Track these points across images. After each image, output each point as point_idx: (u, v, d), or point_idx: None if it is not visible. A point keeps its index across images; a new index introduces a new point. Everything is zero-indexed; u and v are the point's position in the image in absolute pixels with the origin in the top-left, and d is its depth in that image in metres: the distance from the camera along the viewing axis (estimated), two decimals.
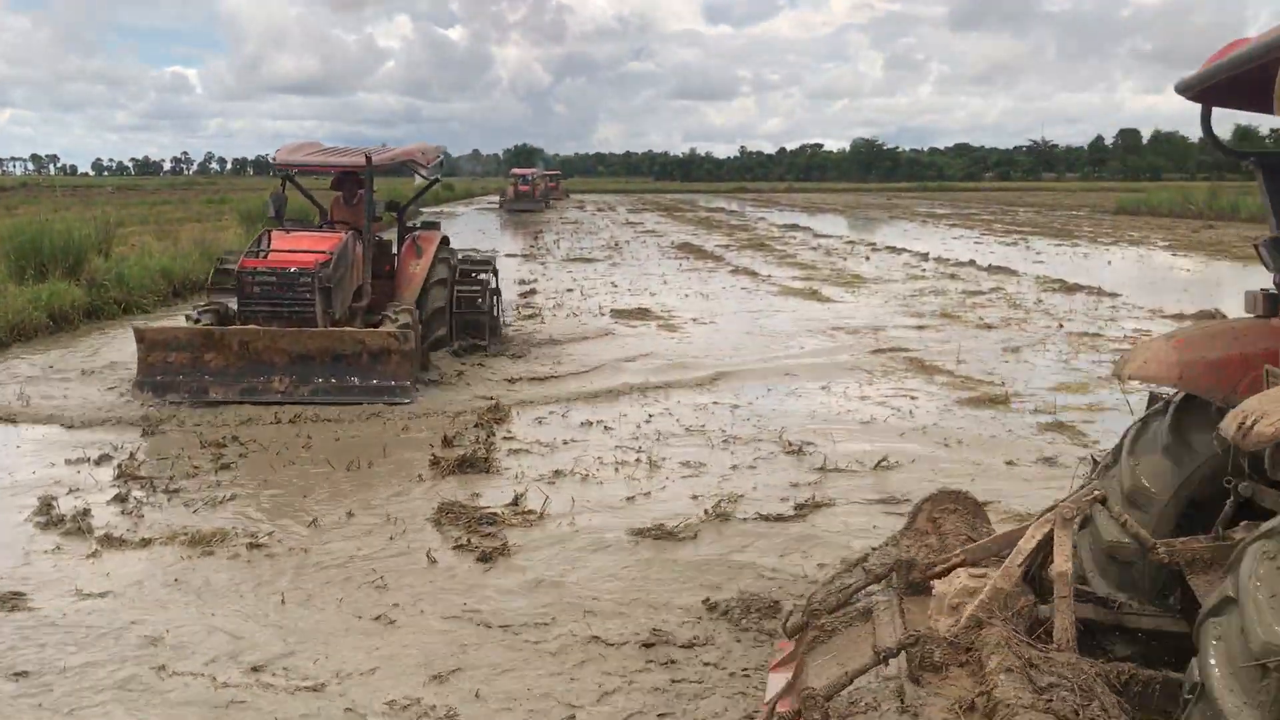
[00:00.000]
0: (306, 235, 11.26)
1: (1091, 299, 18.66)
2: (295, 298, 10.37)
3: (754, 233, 40.00)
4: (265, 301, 10.41)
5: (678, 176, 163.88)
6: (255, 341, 10.02)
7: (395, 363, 10.08)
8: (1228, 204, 47.69)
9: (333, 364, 10.04)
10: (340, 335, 10.14)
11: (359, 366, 10.05)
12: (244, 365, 10.03)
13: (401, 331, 10.22)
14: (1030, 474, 7.92)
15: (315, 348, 10.04)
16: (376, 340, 10.13)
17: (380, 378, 10.06)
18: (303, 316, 10.35)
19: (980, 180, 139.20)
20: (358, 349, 10.07)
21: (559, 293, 19.62)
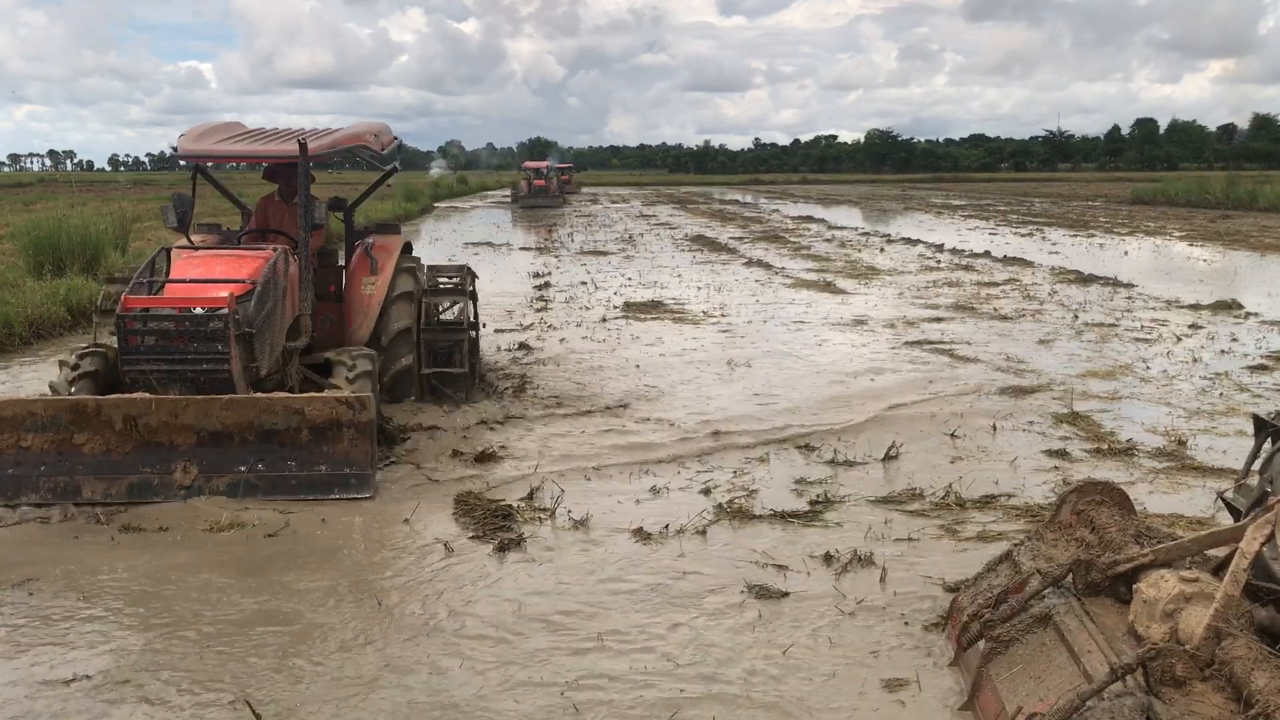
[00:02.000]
0: (220, 256, 8.23)
1: (1107, 290, 18.59)
2: (203, 351, 7.32)
3: (768, 225, 39.94)
4: (160, 357, 7.30)
5: (691, 169, 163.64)
6: (147, 416, 6.96)
7: (349, 440, 7.08)
8: (1245, 193, 47.35)
9: (259, 444, 7.08)
10: (269, 404, 7.10)
11: (297, 447, 7.09)
12: (132, 450, 7.01)
13: (357, 396, 7.24)
14: (1039, 467, 7.92)
15: (234, 422, 7.04)
16: (321, 409, 7.09)
17: (328, 462, 7.09)
18: (214, 377, 7.33)
19: (995, 171, 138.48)
20: (295, 422, 7.07)
21: (572, 285, 19.64)
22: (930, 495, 7.24)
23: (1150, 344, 13.06)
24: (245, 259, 8.06)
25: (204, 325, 7.33)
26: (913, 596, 5.54)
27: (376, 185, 10.95)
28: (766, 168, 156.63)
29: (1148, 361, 11.91)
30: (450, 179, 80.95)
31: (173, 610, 5.44)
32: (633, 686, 4.63)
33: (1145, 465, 7.92)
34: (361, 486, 7.10)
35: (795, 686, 4.63)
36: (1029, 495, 7.23)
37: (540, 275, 21.39)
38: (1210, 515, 6.75)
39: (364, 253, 9.59)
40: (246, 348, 7.56)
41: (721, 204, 60.92)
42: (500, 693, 4.58)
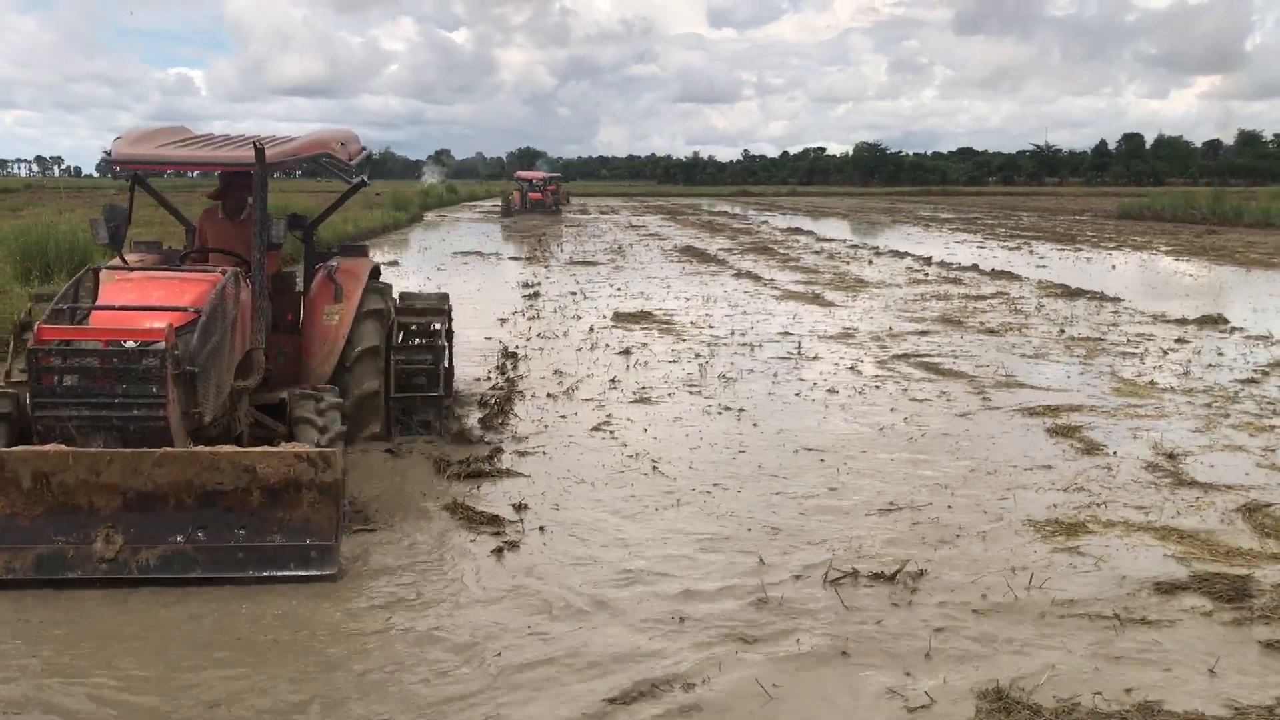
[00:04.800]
0: (157, 279, 7.00)
1: (1094, 304, 18.68)
2: (134, 394, 6.02)
3: (757, 236, 40.02)
4: (80, 400, 5.99)
5: (680, 180, 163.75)
6: (62, 473, 5.67)
7: (309, 504, 5.83)
8: (1231, 209, 47.64)
9: (200, 509, 5.78)
10: (213, 460, 5.80)
11: (246, 512, 5.82)
12: (42, 515, 5.69)
13: (321, 452, 5.97)
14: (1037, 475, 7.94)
15: (169, 481, 5.74)
16: (277, 466, 5.83)
17: (285, 531, 5.82)
18: (147, 425, 6.05)
19: (983, 184, 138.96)
20: (244, 481, 5.80)
21: (561, 295, 19.64)
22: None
23: (1137, 358, 13.13)
24: (188, 283, 6.81)
25: (135, 363, 5.99)
26: None
27: (341, 201, 9.48)
28: (755, 179, 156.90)
29: (1137, 374, 11.97)
30: (440, 188, 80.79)
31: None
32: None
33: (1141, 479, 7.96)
34: (324, 561, 5.81)
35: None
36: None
37: (530, 285, 21.39)
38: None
39: (326, 277, 8.23)
40: (187, 390, 6.24)
41: (710, 215, 61.04)
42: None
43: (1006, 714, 4.48)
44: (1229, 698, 4.67)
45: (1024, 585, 5.87)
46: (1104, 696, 4.65)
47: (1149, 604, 5.66)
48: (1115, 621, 5.43)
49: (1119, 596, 5.76)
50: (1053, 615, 5.51)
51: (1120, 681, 4.80)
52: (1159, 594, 5.79)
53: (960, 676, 4.81)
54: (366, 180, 8.96)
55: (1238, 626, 5.40)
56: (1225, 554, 6.34)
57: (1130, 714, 4.49)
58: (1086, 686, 4.73)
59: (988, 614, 5.52)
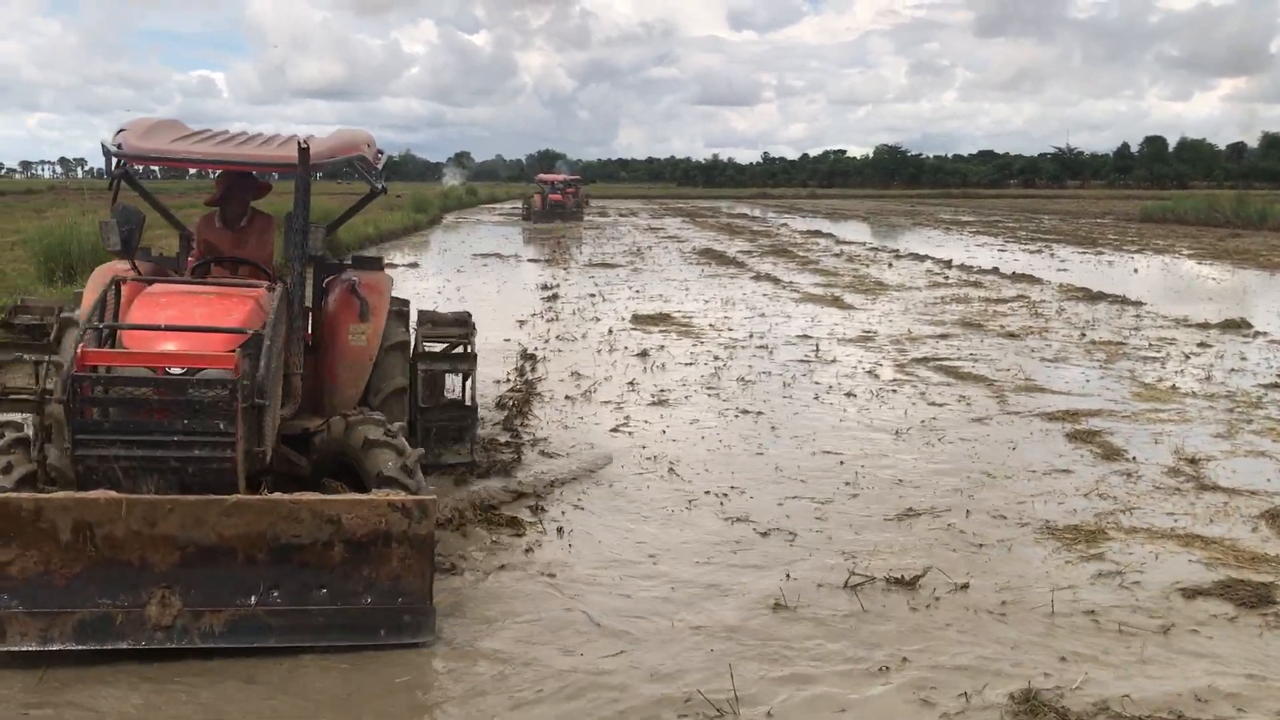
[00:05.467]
0: (194, 293, 6.04)
1: (1116, 307, 18.56)
2: (197, 430, 5.13)
3: (776, 239, 39.95)
4: (130, 437, 5.08)
5: (700, 182, 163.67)
6: (110, 523, 4.80)
7: (399, 560, 5.04)
8: (1255, 212, 47.20)
9: (273, 566, 4.96)
10: (293, 508, 4.97)
11: (326, 569, 5.01)
12: (84, 573, 4.80)
13: (418, 500, 5.15)
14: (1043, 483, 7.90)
15: (239, 533, 4.91)
16: (367, 516, 5.02)
17: (373, 592, 5.05)
18: (210, 467, 5.16)
19: (1004, 187, 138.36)
20: (326, 533, 4.99)
21: (580, 298, 19.65)
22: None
23: (1158, 362, 13.03)
24: (229, 299, 5.89)
25: (200, 394, 5.09)
26: None
27: (357, 209, 8.00)
28: (775, 182, 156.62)
29: (1158, 379, 11.88)
30: (460, 190, 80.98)
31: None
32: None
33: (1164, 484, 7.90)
34: (419, 627, 5.03)
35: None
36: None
37: (549, 287, 21.41)
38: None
39: (350, 292, 7.00)
40: (253, 425, 5.33)
41: (730, 218, 60.99)
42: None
43: (1034, 717, 4.46)
44: (1258, 703, 4.63)
45: (1045, 591, 5.83)
46: (1131, 699, 4.62)
47: (1173, 610, 5.62)
48: (1139, 628, 5.40)
49: (1142, 603, 5.72)
50: (1076, 621, 5.48)
51: (1146, 687, 4.77)
52: (1184, 600, 5.74)
53: (986, 681, 4.79)
54: (384, 188, 7.50)
55: (1265, 632, 5.36)
56: (1250, 560, 6.29)
57: (1158, 717, 4.46)
58: (1114, 691, 4.70)
59: (1010, 619, 5.50)
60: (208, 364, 5.22)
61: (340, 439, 6.17)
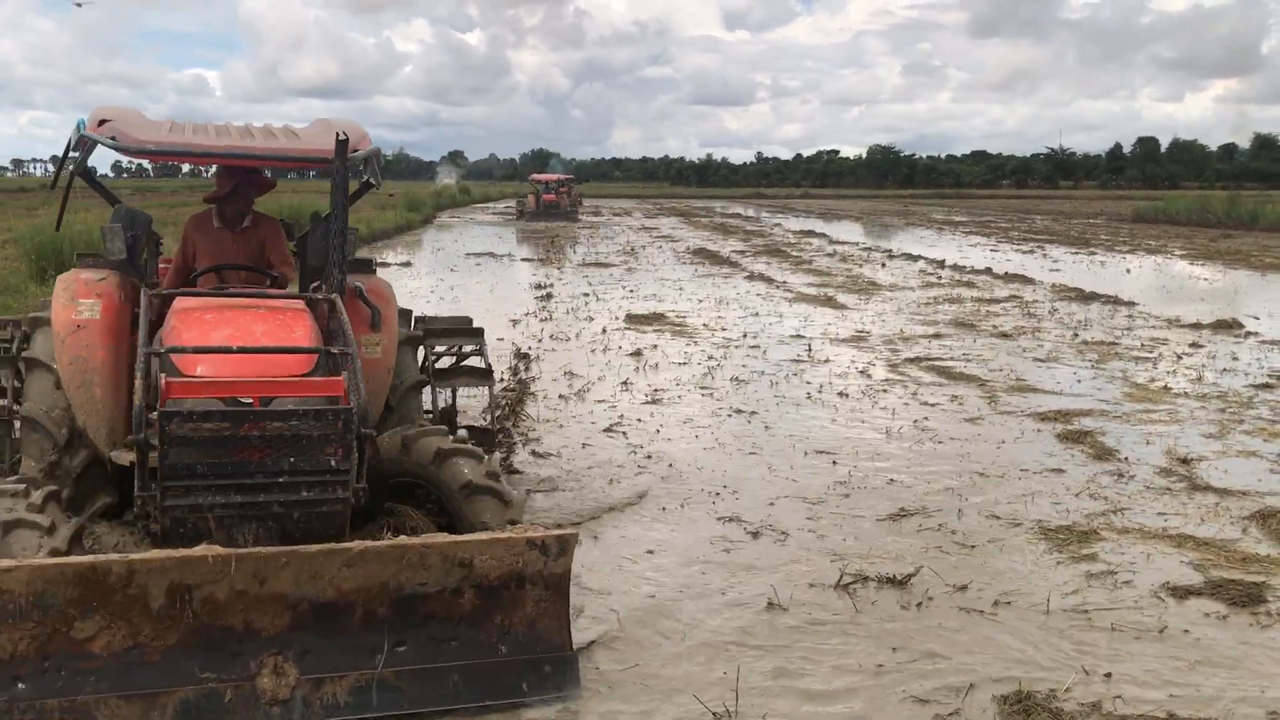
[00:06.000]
0: (235, 306, 5.29)
1: (1108, 307, 18.60)
2: (303, 468, 4.47)
3: (770, 239, 39.97)
4: (229, 481, 4.40)
5: (694, 182, 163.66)
6: (212, 584, 4.07)
7: (534, 603, 4.48)
8: (1246, 213, 47.36)
9: (396, 620, 4.31)
10: (421, 553, 4.29)
11: (455, 620, 4.39)
12: (179, 644, 4.08)
13: (559, 535, 4.54)
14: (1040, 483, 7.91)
15: (356, 586, 4.23)
16: (501, 556, 4.40)
17: (508, 642, 4.45)
18: (319, 511, 4.55)
19: (997, 187, 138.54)
20: (454, 580, 4.35)
21: (574, 297, 19.64)
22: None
23: (1150, 362, 13.06)
24: (287, 313, 5.21)
25: (310, 425, 4.40)
26: None
27: (354, 199, 6.72)
28: (769, 182, 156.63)
29: (1150, 379, 11.91)
30: (454, 189, 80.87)
31: None
32: None
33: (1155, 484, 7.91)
34: (562, 679, 4.47)
35: None
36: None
37: (542, 287, 21.41)
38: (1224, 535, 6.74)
39: (356, 298, 5.92)
40: (360, 459, 4.69)
41: (724, 217, 61.00)
42: None
43: (1027, 716, 4.46)
44: (1250, 701, 4.64)
45: (1038, 591, 5.84)
46: (1124, 699, 4.63)
47: (1166, 610, 5.63)
48: (1132, 627, 5.41)
49: (1135, 603, 5.72)
50: (1068, 621, 5.48)
51: (1140, 685, 4.78)
52: (1176, 600, 5.75)
53: (979, 681, 4.79)
54: (376, 183, 6.42)
55: (1256, 631, 5.37)
56: (1241, 560, 6.31)
57: (1151, 717, 4.47)
58: (1106, 691, 4.71)
59: (1003, 619, 5.50)
60: (311, 390, 4.54)
61: (397, 457, 5.38)
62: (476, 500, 5.17)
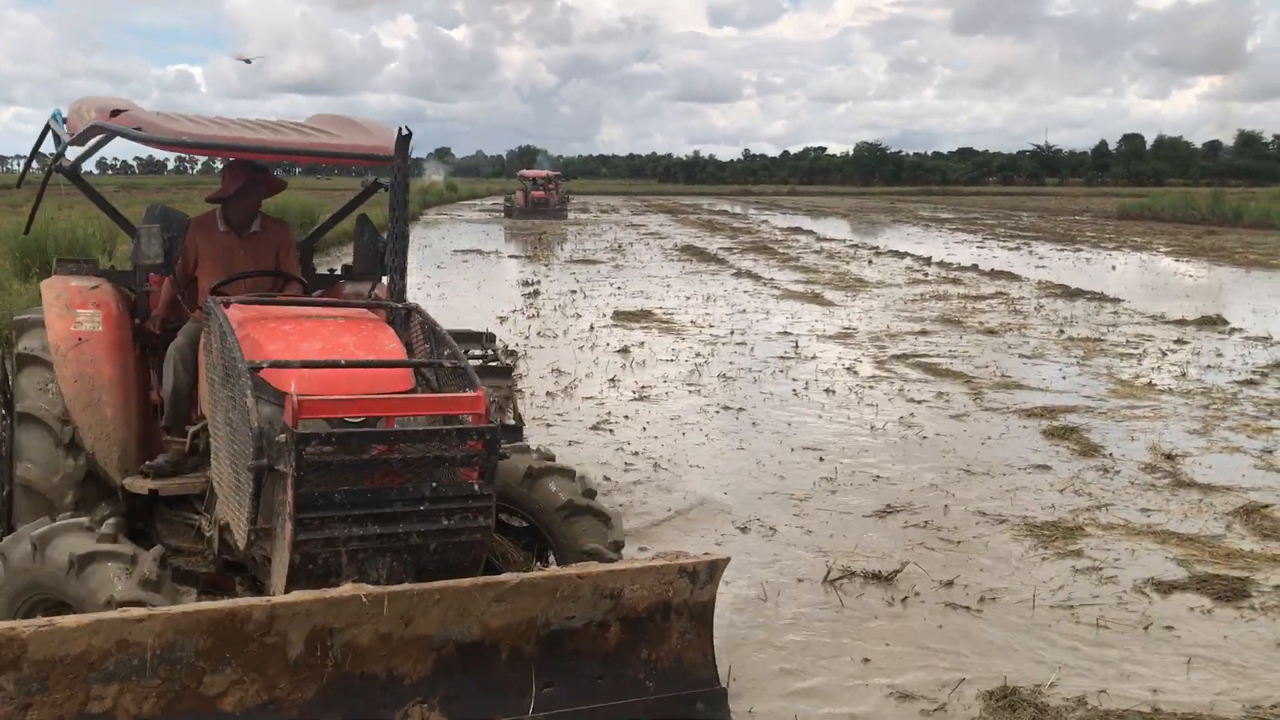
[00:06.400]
0: (304, 315, 4.70)
1: (1094, 304, 18.68)
2: (448, 494, 3.96)
3: (757, 236, 40.02)
4: (368, 511, 3.83)
5: (681, 179, 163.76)
6: (354, 628, 3.48)
7: (679, 635, 4.05)
8: (1230, 209, 47.65)
9: (543, 659, 3.83)
10: (574, 585, 3.82)
11: (600, 656, 3.93)
12: (318, 696, 3.48)
13: (711, 560, 4.11)
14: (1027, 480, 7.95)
15: (504, 624, 3.73)
16: (651, 586, 3.97)
17: (655, 678, 3.99)
18: (460, 541, 4.02)
19: (983, 184, 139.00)
20: (600, 613, 3.90)
21: (561, 294, 19.64)
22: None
23: (1135, 359, 13.13)
24: (364, 323, 4.65)
25: (456, 447, 3.94)
26: None
27: (353, 206, 6.59)
28: (755, 179, 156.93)
29: (1135, 376, 11.97)
30: (440, 186, 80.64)
31: None
32: None
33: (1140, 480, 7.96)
34: (715, 714, 4.07)
35: None
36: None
37: (530, 284, 21.39)
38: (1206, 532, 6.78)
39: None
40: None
41: (711, 214, 61.03)
42: None
43: (1013, 712, 4.49)
44: (1235, 695, 4.67)
45: (1023, 587, 5.87)
46: (1109, 694, 4.66)
47: (1150, 605, 5.66)
48: (1117, 623, 5.44)
49: (1120, 598, 5.76)
50: (1053, 616, 5.51)
51: (1124, 680, 4.81)
52: (1160, 595, 5.79)
53: (964, 677, 4.81)
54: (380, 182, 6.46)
55: (1240, 626, 5.41)
56: (1225, 556, 6.35)
57: (1135, 712, 4.49)
58: (1091, 687, 4.74)
59: (988, 615, 5.53)
60: (450, 408, 4.07)
61: (516, 493, 4.81)
62: (576, 522, 4.77)
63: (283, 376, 3.98)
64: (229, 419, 3.99)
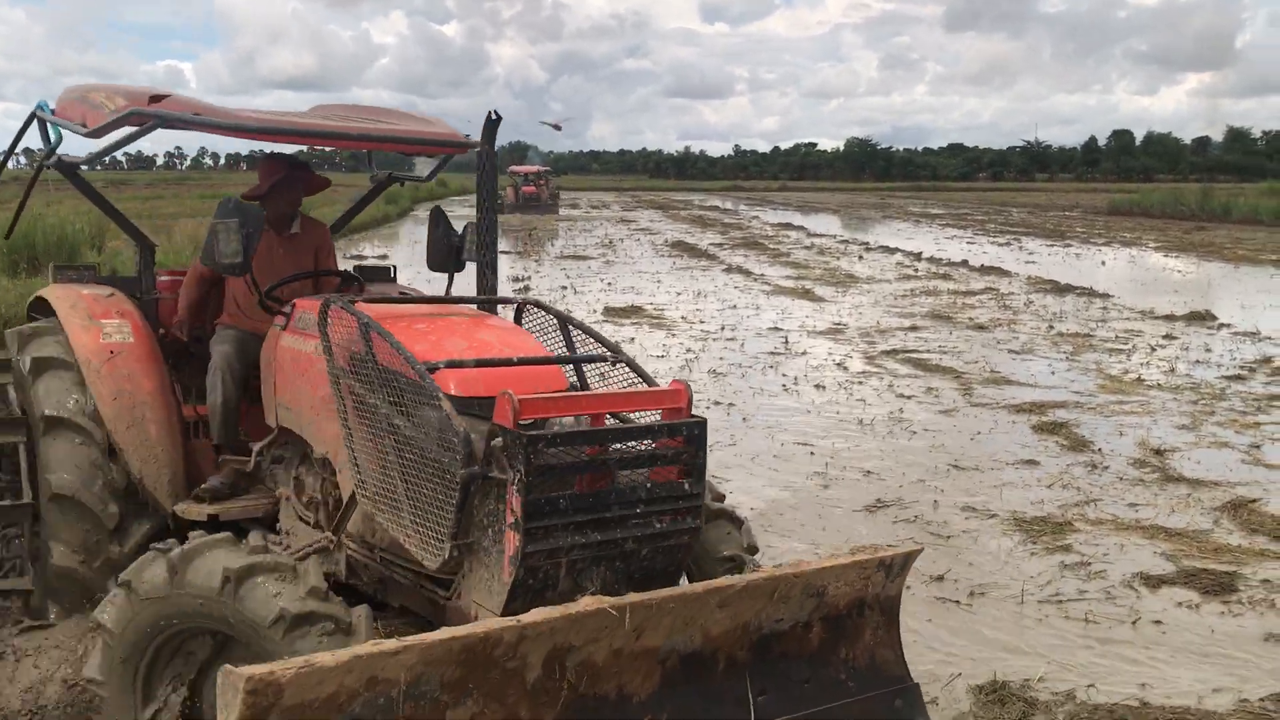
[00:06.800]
0: (449, 312, 4.41)
1: (1083, 299, 18.74)
2: (660, 496, 3.61)
3: (748, 231, 40.03)
4: (591, 517, 3.43)
5: (672, 175, 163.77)
6: (591, 644, 3.13)
7: (871, 630, 3.86)
8: (1219, 205, 47.83)
9: (755, 664, 3.55)
10: (787, 586, 3.52)
11: (803, 657, 3.68)
12: (556, 716, 3.12)
13: (909, 551, 3.91)
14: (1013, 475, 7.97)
15: (722, 630, 3.43)
16: (852, 582, 3.73)
17: (854, 677, 3.77)
18: (667, 544, 3.67)
19: (974, 180, 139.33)
20: (805, 612, 3.64)
21: (552, 290, 19.63)
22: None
23: (1124, 354, 13.17)
24: (486, 319, 4.33)
25: (671, 443, 3.67)
26: None
27: (366, 202, 6.56)
28: (746, 174, 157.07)
29: (1124, 371, 12.01)
30: (430, 182, 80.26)
31: None
32: None
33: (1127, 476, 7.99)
34: (912, 711, 3.89)
35: None
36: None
37: (520, 279, 21.37)
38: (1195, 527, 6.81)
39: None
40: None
41: (702, 210, 61.02)
42: None
43: (1002, 706, 4.50)
44: (1222, 689, 4.70)
45: (1012, 581, 5.89)
46: (1098, 689, 4.67)
47: (1139, 600, 5.69)
48: (1105, 617, 5.46)
49: (1108, 593, 5.78)
50: (1043, 610, 5.53)
51: (1113, 674, 4.83)
52: (1149, 590, 5.82)
53: (954, 671, 4.83)
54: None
55: (1228, 620, 5.44)
56: (1213, 550, 6.38)
57: (1124, 706, 4.52)
58: (1080, 679, 4.76)
59: (977, 610, 5.55)
60: (651, 403, 3.81)
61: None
62: (711, 527, 4.47)
63: (444, 378, 3.64)
64: (390, 426, 3.53)
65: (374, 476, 3.64)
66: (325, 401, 3.92)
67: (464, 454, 3.27)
